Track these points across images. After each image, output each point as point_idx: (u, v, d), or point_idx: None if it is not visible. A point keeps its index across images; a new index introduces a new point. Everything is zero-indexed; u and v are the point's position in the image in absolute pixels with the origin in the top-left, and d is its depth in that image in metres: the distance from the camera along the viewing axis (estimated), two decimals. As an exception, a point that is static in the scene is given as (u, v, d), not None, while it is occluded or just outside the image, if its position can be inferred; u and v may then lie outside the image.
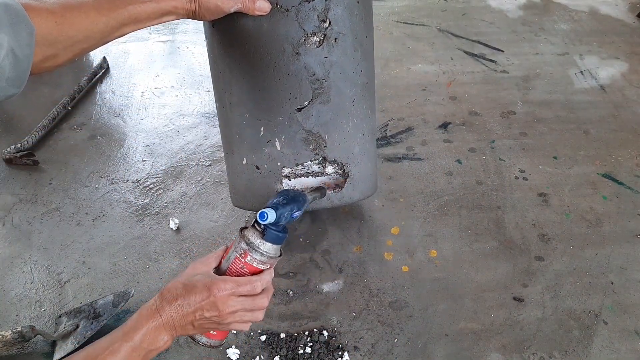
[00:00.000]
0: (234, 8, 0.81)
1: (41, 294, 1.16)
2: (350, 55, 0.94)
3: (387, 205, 1.36)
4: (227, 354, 1.03)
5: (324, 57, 0.90)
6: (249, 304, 0.71)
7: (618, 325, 1.10)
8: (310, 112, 0.94)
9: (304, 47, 0.88)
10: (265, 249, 0.73)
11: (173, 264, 1.22)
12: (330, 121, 0.96)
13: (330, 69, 0.92)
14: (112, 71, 1.89)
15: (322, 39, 0.89)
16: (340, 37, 0.90)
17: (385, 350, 1.05)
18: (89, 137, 1.59)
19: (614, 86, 1.82)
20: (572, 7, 2.32)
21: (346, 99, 0.96)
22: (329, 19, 0.87)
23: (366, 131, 1.05)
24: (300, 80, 0.91)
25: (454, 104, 1.72)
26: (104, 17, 0.70)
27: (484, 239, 1.28)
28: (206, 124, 1.64)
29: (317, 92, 0.92)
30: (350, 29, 0.92)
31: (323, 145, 0.98)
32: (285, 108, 0.94)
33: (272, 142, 0.97)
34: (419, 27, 2.15)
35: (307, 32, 0.87)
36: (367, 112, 1.04)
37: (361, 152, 1.04)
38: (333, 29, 0.89)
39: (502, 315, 1.12)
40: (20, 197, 1.39)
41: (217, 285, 0.68)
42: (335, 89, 0.94)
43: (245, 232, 0.74)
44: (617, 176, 1.46)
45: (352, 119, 0.99)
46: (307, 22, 0.86)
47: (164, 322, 0.66)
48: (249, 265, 0.73)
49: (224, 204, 1.36)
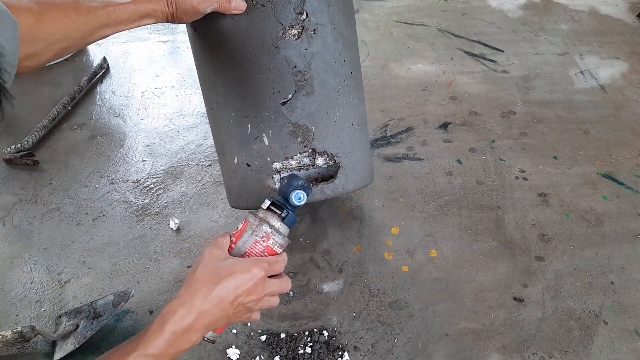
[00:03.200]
0: (209, 8, 0.82)
1: (41, 294, 1.16)
2: (331, 45, 0.94)
3: (387, 205, 1.36)
4: (227, 354, 1.03)
5: (304, 49, 0.90)
6: (278, 285, 0.72)
7: (618, 325, 1.10)
8: (295, 104, 0.94)
9: (283, 41, 0.89)
10: (284, 231, 0.75)
11: (173, 264, 1.22)
12: (316, 112, 0.96)
13: (312, 60, 0.92)
14: (112, 71, 1.89)
15: (300, 31, 0.89)
16: (319, 27, 0.91)
17: (385, 350, 1.05)
18: (89, 137, 1.59)
19: (614, 86, 1.82)
20: (572, 7, 2.32)
21: (330, 89, 0.96)
22: (305, 10, 0.88)
23: (354, 121, 1.04)
24: (282, 74, 0.91)
25: (454, 104, 1.72)
26: (83, 17, 0.70)
27: (484, 239, 1.28)
28: (206, 124, 1.64)
29: (299, 84, 0.93)
30: (328, 19, 0.92)
31: (311, 137, 0.97)
32: (270, 103, 0.94)
33: (260, 137, 0.97)
34: (419, 27, 2.15)
35: (284, 25, 0.88)
36: (355, 102, 1.03)
37: (351, 142, 1.03)
38: (311, 20, 0.89)
39: (502, 315, 1.12)
40: (20, 197, 1.39)
41: (257, 266, 0.67)
42: (319, 80, 0.94)
43: (263, 215, 0.75)
44: (617, 176, 1.46)
45: (338, 109, 0.99)
46: (283, 16, 0.87)
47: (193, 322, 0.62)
48: (269, 249, 0.74)
49: (224, 204, 1.36)
